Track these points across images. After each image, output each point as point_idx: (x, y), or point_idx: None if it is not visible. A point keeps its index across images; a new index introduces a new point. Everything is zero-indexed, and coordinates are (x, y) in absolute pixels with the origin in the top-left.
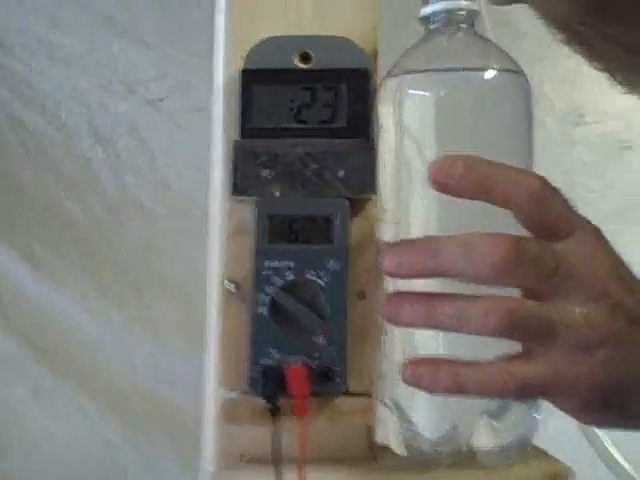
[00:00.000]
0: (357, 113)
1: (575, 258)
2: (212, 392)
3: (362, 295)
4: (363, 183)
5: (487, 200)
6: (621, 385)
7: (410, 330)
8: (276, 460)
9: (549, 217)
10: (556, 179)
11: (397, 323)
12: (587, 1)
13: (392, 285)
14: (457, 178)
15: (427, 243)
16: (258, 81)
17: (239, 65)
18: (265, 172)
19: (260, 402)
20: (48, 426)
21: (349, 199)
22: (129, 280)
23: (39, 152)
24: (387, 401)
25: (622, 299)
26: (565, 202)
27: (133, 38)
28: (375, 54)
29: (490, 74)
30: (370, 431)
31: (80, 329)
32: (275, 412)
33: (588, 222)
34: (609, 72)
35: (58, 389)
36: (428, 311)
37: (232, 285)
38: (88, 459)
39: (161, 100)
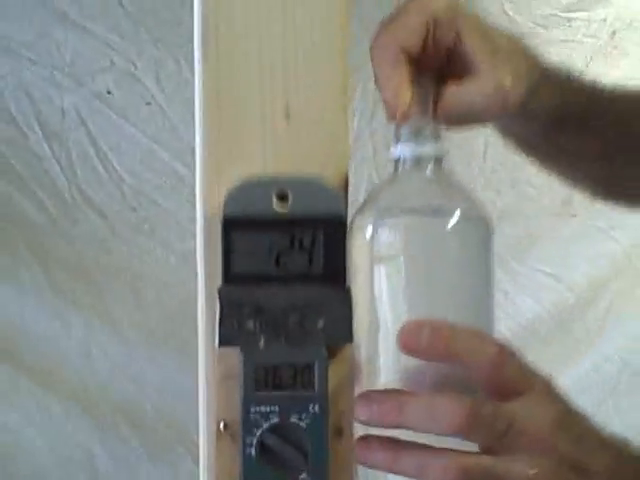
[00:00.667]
0: (333, 260)
1: (525, 416)
2: None
3: (340, 432)
4: (341, 333)
5: (451, 363)
6: None
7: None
8: None
9: (505, 380)
10: (503, 176)
11: (366, 465)
12: (544, 118)
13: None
14: (424, 346)
15: (394, 399)
16: (238, 228)
17: (218, 201)
18: (250, 323)
19: None
20: (16, 428)
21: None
22: (85, 278)
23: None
24: None
25: (569, 452)
26: (520, 364)
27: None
28: (346, 184)
29: (454, 219)
30: None
31: (39, 329)
32: None
33: (541, 379)
34: (566, 178)
35: (24, 390)
36: (393, 459)
37: (222, 425)
38: (58, 459)
39: (109, 93)
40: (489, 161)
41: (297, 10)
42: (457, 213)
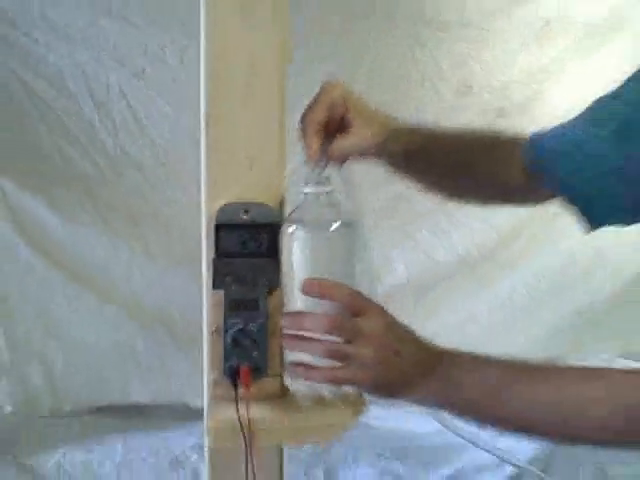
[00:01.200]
0: (272, 246)
1: (365, 324)
2: (208, 375)
3: (274, 332)
4: (273, 282)
5: (327, 299)
6: (387, 386)
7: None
8: (235, 402)
9: (354, 306)
10: None
11: (287, 348)
12: (398, 155)
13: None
14: (312, 290)
15: (300, 316)
16: (223, 228)
17: (214, 213)
18: (228, 278)
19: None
20: (80, 329)
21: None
22: (128, 218)
23: (52, 117)
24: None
25: (391, 342)
26: (363, 298)
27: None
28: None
29: (333, 228)
30: (282, 384)
31: (96, 256)
32: (235, 385)
33: (376, 305)
34: (425, 189)
35: (85, 301)
36: (299, 343)
37: (214, 328)
38: (111, 352)
39: (144, 72)
40: None
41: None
42: (335, 225)
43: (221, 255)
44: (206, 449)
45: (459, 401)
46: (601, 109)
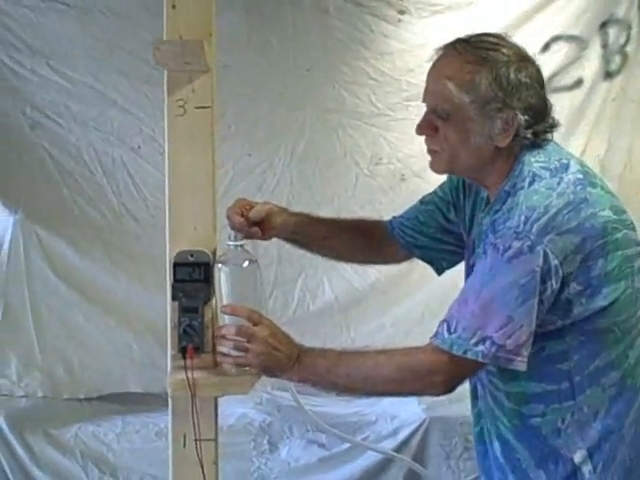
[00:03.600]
0: (207, 277)
1: (258, 331)
2: (170, 352)
3: (208, 326)
4: (206, 299)
5: (236, 315)
6: (269, 369)
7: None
8: (184, 368)
9: (252, 319)
10: (362, 199)
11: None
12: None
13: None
14: (229, 311)
15: (222, 327)
16: (179, 265)
17: (173, 254)
18: (181, 295)
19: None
20: (90, 334)
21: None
22: (127, 256)
23: (71, 181)
24: None
25: (272, 343)
26: (259, 315)
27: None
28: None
29: (246, 264)
30: (214, 359)
31: (105, 282)
32: (184, 358)
33: (267, 320)
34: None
35: (97, 317)
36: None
37: (172, 324)
38: (112, 351)
39: (139, 147)
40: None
41: None
42: (245, 263)
43: (177, 281)
44: (169, 399)
45: (310, 376)
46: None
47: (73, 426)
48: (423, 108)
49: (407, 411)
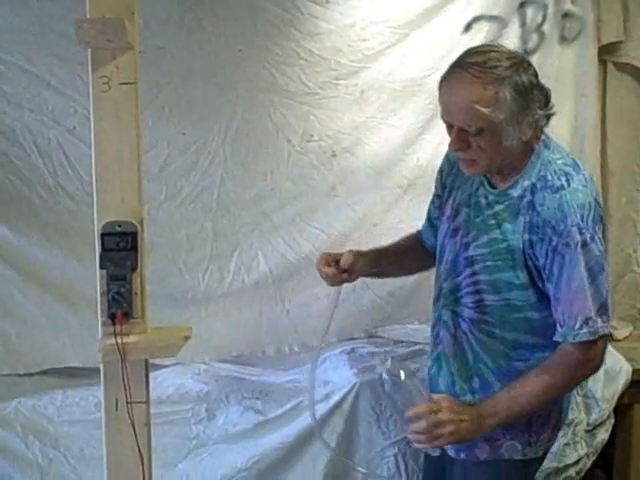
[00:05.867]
0: (134, 245)
1: (442, 415)
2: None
3: (139, 292)
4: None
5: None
6: (462, 439)
7: None
8: (114, 334)
9: (432, 410)
10: (294, 175)
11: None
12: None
13: None
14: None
15: (413, 424)
16: (106, 235)
17: (101, 225)
18: (109, 264)
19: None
20: (27, 310)
21: None
22: (62, 233)
23: (6, 162)
24: None
25: (456, 419)
26: (433, 404)
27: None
28: None
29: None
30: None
31: (38, 259)
32: (114, 323)
33: (440, 401)
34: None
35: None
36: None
37: (101, 291)
38: (52, 324)
39: (74, 128)
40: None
41: None
42: (403, 376)
43: (105, 250)
44: (100, 365)
45: (498, 422)
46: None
47: (13, 400)
48: (351, 87)
49: (339, 376)
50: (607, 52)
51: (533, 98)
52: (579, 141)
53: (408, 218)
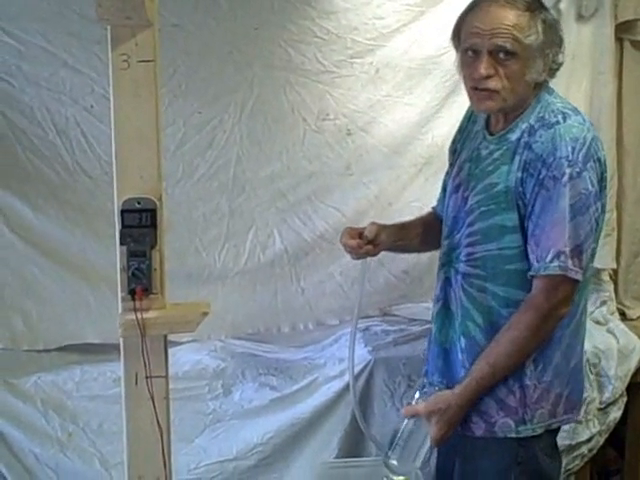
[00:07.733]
0: (154, 222)
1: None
2: (120, 294)
3: (156, 269)
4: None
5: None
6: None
7: None
8: (134, 309)
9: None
10: (310, 154)
11: None
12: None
13: None
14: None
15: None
16: (126, 212)
17: (122, 202)
18: (130, 240)
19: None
20: (47, 288)
21: None
22: (81, 211)
23: (25, 140)
24: None
25: (446, 411)
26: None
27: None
28: None
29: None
30: (162, 300)
31: (57, 237)
32: (134, 299)
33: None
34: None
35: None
36: None
37: (121, 267)
38: (72, 301)
39: (92, 107)
40: None
41: None
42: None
43: (125, 227)
44: (120, 340)
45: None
46: None
47: (33, 376)
48: (367, 65)
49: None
50: (624, 30)
51: (557, 35)
52: (595, 119)
53: (423, 197)
